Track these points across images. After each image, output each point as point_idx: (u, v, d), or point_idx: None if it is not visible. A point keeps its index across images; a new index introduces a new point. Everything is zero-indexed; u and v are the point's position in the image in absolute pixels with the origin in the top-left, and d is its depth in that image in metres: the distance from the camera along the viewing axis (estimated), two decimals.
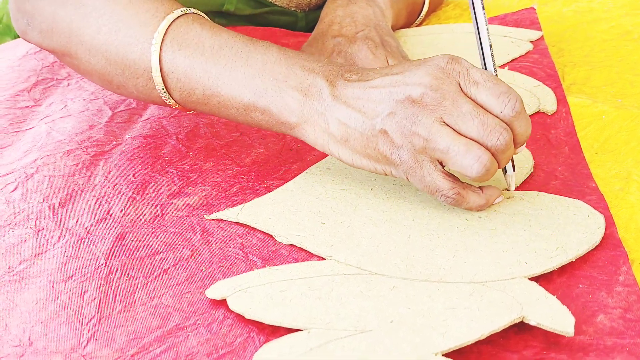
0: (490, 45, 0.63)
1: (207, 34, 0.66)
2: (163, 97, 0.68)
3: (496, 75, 0.63)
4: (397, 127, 0.60)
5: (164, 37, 0.66)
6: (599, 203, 0.65)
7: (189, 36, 0.66)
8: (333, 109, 0.62)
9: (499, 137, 0.59)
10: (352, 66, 0.65)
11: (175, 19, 0.67)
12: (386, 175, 0.63)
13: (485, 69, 0.63)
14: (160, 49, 0.66)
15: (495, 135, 0.59)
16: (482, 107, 0.59)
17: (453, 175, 0.62)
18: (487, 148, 0.59)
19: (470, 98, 0.59)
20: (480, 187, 0.63)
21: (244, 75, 0.64)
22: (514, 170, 0.65)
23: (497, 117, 0.59)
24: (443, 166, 0.61)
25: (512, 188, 0.66)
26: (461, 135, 0.59)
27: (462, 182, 0.62)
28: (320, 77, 0.63)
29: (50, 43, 0.71)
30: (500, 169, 0.64)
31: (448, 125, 0.59)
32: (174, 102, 0.68)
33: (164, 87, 0.67)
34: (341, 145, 0.62)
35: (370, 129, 0.61)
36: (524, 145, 0.62)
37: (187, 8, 0.68)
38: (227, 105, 0.65)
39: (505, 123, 0.59)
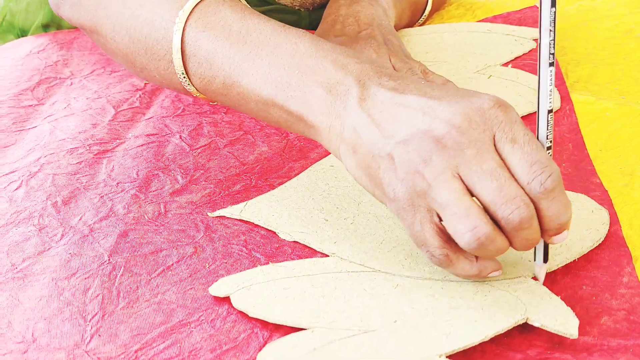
0: (550, 111, 0.52)
1: (237, 16, 0.60)
2: (183, 83, 0.63)
3: (549, 145, 0.53)
4: (406, 158, 0.52)
5: (189, 15, 0.60)
6: (604, 199, 0.65)
7: (216, 17, 0.60)
8: (353, 114, 0.54)
9: (514, 210, 0.49)
10: (394, 71, 0.58)
11: None
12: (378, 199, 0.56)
13: (538, 134, 0.53)
14: (184, 29, 0.60)
15: (510, 207, 0.49)
16: (510, 171, 0.50)
17: (448, 233, 0.53)
18: (498, 220, 0.50)
19: (501, 156, 0.50)
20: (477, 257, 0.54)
21: (268, 65, 0.58)
22: (544, 261, 0.55)
23: (522, 188, 0.50)
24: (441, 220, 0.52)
25: (541, 280, 0.56)
26: (472, 194, 0.51)
27: (457, 245, 0.52)
28: (351, 75, 0.55)
29: (79, 17, 0.67)
30: (533, 256, 0.56)
31: (460, 179, 0.50)
32: (195, 90, 0.63)
33: (184, 72, 0.62)
34: (350, 155, 0.55)
35: (380, 148, 0.53)
36: (562, 235, 0.52)
37: None
38: (246, 97, 0.60)
39: (532, 199, 0.50)
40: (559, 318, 0.53)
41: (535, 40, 0.88)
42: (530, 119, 0.76)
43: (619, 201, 0.65)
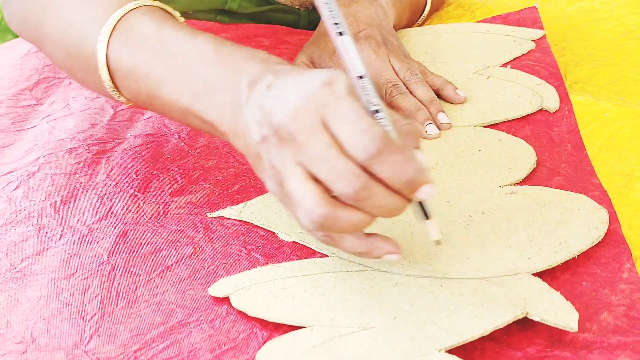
0: (361, 77, 0.53)
1: (154, 28, 0.61)
2: (113, 95, 0.65)
3: (375, 109, 0.53)
4: (267, 155, 0.53)
5: (111, 32, 0.62)
6: (603, 199, 0.65)
7: (135, 32, 0.62)
8: (243, 117, 0.55)
9: (346, 184, 0.50)
10: (282, 64, 0.57)
11: (126, 13, 0.63)
12: None
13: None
14: (108, 45, 0.62)
15: (342, 182, 0.50)
16: (341, 146, 0.50)
17: None
18: (339, 197, 0.51)
19: (332, 135, 0.51)
20: (372, 234, 0.55)
21: (181, 76, 0.59)
22: (426, 218, 0.55)
23: (351, 159, 0.50)
24: None
25: (435, 237, 0.56)
26: (314, 179, 0.51)
27: None
28: (244, 77, 0.56)
29: (25, 34, 0.70)
30: (418, 217, 0.56)
31: (301, 165, 0.51)
32: (126, 101, 0.66)
33: (112, 85, 0.64)
34: (248, 160, 0.57)
35: (254, 149, 0.54)
36: (424, 190, 0.52)
37: (145, 1, 0.64)
38: (168, 107, 0.61)
39: (364, 167, 0.50)
40: (558, 312, 0.53)
41: (535, 41, 0.88)
42: (529, 119, 0.76)
43: (618, 202, 0.65)
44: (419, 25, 0.97)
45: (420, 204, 0.55)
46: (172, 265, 0.61)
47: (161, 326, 0.56)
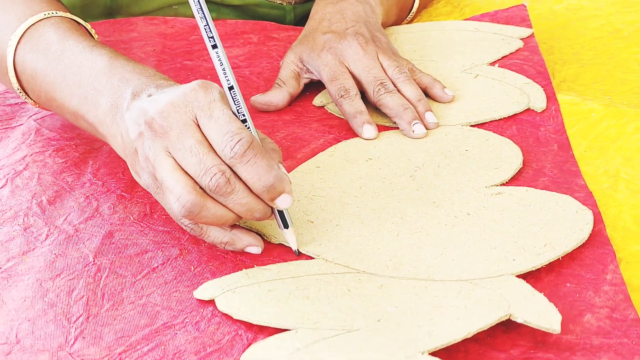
0: (231, 88, 0.59)
1: (57, 38, 0.68)
2: (21, 97, 0.73)
3: (243, 118, 0.59)
4: (142, 148, 0.59)
5: (20, 39, 0.69)
6: (588, 200, 0.65)
7: (40, 40, 0.69)
8: (123, 122, 0.61)
9: (211, 177, 0.55)
10: (168, 82, 0.63)
11: (36, 22, 0.70)
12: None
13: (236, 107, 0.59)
14: (15, 51, 0.70)
15: (208, 175, 0.55)
16: (211, 145, 0.56)
17: None
18: (205, 190, 0.56)
19: (202, 133, 0.57)
20: (236, 227, 0.61)
21: (73, 83, 0.66)
22: (285, 227, 0.60)
23: (218, 157, 0.56)
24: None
25: (294, 247, 0.61)
26: (184, 171, 0.56)
27: None
28: (129, 88, 0.62)
29: None
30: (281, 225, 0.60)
31: (172, 157, 0.57)
32: (32, 102, 0.73)
33: (19, 87, 0.72)
34: (126, 159, 0.63)
35: (132, 146, 0.60)
36: (282, 199, 0.57)
37: (55, 11, 0.71)
38: (62, 109, 0.68)
39: (229, 166, 0.56)
40: (542, 314, 0.53)
41: (523, 39, 0.88)
42: (516, 119, 0.76)
43: (603, 203, 0.65)
44: (407, 23, 0.97)
45: (281, 213, 0.60)
46: (158, 266, 0.61)
47: (146, 328, 0.56)
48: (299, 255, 0.61)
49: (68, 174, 0.72)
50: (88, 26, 0.74)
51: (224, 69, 0.58)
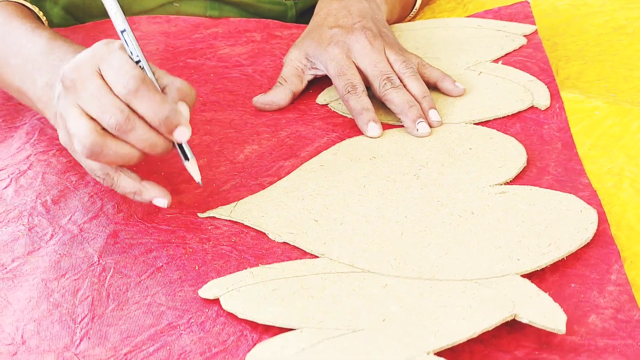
0: (124, 31, 0.63)
1: (2, 20, 0.75)
2: None
3: (137, 59, 0.62)
4: (58, 108, 0.63)
5: None
6: (592, 199, 0.65)
7: None
8: (54, 90, 0.65)
9: (110, 117, 0.59)
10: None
11: None
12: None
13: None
14: None
15: (107, 115, 0.59)
16: (109, 88, 0.60)
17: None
18: (107, 130, 0.60)
19: (104, 81, 0.60)
20: (147, 180, 0.64)
21: (15, 63, 0.72)
22: (186, 159, 0.63)
23: (117, 97, 0.60)
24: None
25: (197, 179, 0.64)
26: (89, 117, 0.60)
27: (117, 167, 0.63)
28: (65, 64, 0.65)
29: None
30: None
31: (79, 107, 0.61)
32: None
33: None
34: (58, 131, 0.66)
35: (54, 111, 0.65)
36: (179, 132, 0.60)
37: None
38: (8, 87, 0.75)
39: (127, 105, 0.60)
40: (547, 314, 0.53)
41: (526, 36, 0.88)
42: (519, 116, 0.76)
43: (607, 202, 0.65)
44: (410, 20, 0.97)
45: (180, 146, 0.63)
46: (162, 266, 0.61)
47: (151, 328, 0.56)
48: (202, 186, 0.67)
49: (72, 174, 0.72)
50: (36, 9, 0.80)
51: (114, 14, 0.63)
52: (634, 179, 0.67)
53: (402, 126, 0.76)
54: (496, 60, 0.85)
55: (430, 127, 0.75)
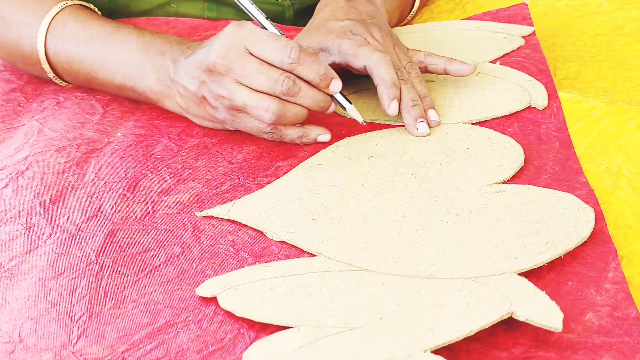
0: (267, 17, 0.74)
1: (80, 27, 0.80)
2: (56, 81, 0.84)
3: (280, 33, 0.73)
4: (209, 92, 0.71)
5: (46, 35, 0.81)
6: (589, 198, 0.65)
7: (65, 32, 0.80)
8: (175, 84, 0.75)
9: (282, 84, 0.68)
10: (193, 43, 0.76)
11: (53, 17, 0.81)
12: (226, 129, 0.76)
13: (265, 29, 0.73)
14: (45, 45, 0.81)
15: (279, 84, 0.68)
16: (268, 63, 0.69)
17: None
18: (278, 97, 0.69)
19: (258, 58, 0.69)
20: (307, 124, 0.73)
21: (112, 62, 0.79)
22: (350, 103, 0.73)
23: (281, 69, 0.69)
24: None
25: (360, 119, 0.74)
26: (257, 91, 0.69)
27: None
28: (168, 58, 0.76)
29: None
30: (343, 109, 0.73)
31: (243, 85, 0.69)
32: (66, 83, 0.84)
33: (54, 75, 0.83)
34: (188, 113, 0.76)
35: (196, 96, 0.73)
36: (335, 84, 0.70)
37: (66, 2, 0.82)
38: (105, 85, 0.80)
39: (291, 72, 0.69)
40: (543, 312, 0.53)
41: (524, 37, 0.88)
42: (517, 116, 0.76)
43: (604, 200, 0.65)
44: (408, 22, 0.97)
45: (340, 95, 0.72)
46: (160, 265, 0.62)
47: (149, 327, 0.56)
48: (365, 125, 0.75)
49: (70, 174, 0.72)
50: (91, 6, 0.85)
51: (252, 10, 0.74)
52: (631, 177, 0.67)
53: (401, 126, 0.76)
54: (494, 61, 0.85)
55: (429, 126, 0.75)
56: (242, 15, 0.97)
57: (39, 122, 0.79)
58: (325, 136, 0.74)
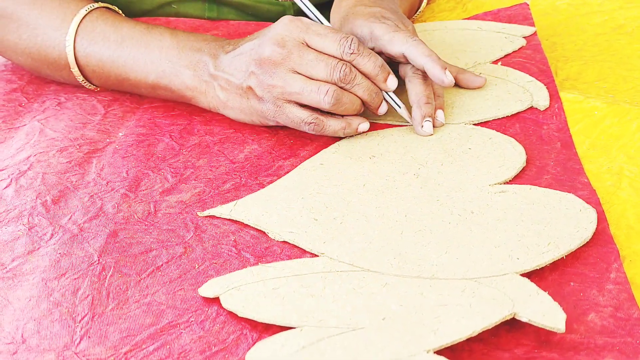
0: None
1: (110, 29, 0.80)
2: (84, 85, 0.83)
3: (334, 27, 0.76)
4: (258, 82, 0.72)
5: (75, 38, 0.80)
6: (591, 198, 0.65)
7: (95, 34, 0.80)
8: (216, 78, 0.75)
9: (339, 72, 0.70)
10: (232, 40, 0.77)
11: (81, 20, 0.80)
12: (264, 125, 0.76)
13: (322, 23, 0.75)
14: (74, 48, 0.80)
15: (337, 71, 0.70)
16: (325, 54, 0.71)
17: (310, 107, 0.72)
18: (335, 84, 0.71)
19: (314, 49, 0.71)
20: (344, 117, 0.74)
21: (145, 62, 0.78)
22: (399, 106, 0.75)
23: (340, 59, 0.71)
24: (302, 105, 0.72)
25: (409, 119, 0.75)
26: (312, 79, 0.71)
27: (321, 111, 0.73)
28: (205, 53, 0.76)
29: None
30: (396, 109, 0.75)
31: (299, 74, 0.71)
32: (94, 87, 0.83)
33: (83, 78, 0.82)
34: (226, 107, 0.76)
35: (240, 88, 0.74)
36: (392, 80, 0.73)
37: (92, 5, 0.81)
38: (137, 86, 0.80)
39: (349, 62, 0.71)
40: (546, 313, 0.54)
41: (526, 37, 0.88)
42: (519, 117, 0.76)
43: (606, 201, 0.65)
44: (413, 21, 0.97)
45: (392, 95, 0.74)
46: (162, 265, 0.62)
47: (151, 327, 0.56)
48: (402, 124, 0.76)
49: (72, 174, 0.72)
50: (116, 8, 0.85)
51: (310, 9, 0.77)
52: (633, 178, 0.67)
53: (402, 126, 0.76)
54: (495, 62, 0.85)
55: (434, 126, 0.75)
56: (243, 15, 0.98)
57: (40, 123, 0.79)
58: (365, 124, 0.74)
